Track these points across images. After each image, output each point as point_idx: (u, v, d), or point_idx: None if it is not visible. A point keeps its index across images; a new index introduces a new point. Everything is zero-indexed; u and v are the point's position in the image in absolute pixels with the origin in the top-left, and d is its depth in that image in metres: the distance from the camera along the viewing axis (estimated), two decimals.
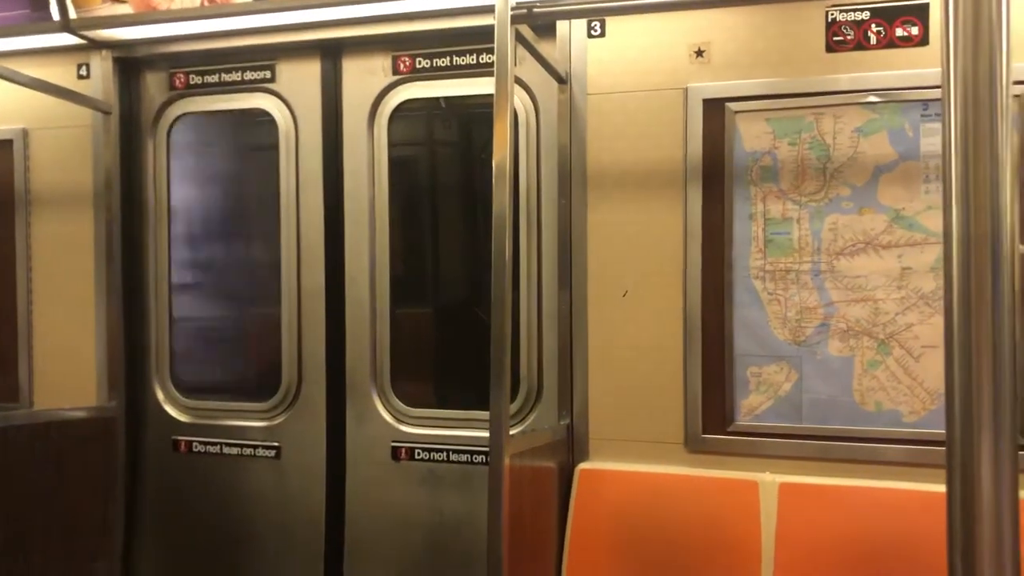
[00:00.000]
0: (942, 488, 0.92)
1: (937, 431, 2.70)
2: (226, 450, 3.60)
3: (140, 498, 3.74)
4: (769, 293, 2.88)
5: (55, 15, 3.35)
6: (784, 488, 2.79)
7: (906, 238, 2.74)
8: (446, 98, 3.42)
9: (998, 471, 0.85)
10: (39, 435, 3.32)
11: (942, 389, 2.71)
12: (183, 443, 3.67)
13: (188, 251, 3.78)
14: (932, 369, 2.73)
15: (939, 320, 2.72)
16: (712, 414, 2.93)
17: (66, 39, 3.49)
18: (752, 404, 2.91)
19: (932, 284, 2.72)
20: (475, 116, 3.46)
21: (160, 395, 3.72)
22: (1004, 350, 0.87)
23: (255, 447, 3.57)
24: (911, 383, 2.75)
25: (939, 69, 0.94)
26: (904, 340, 2.76)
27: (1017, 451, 0.87)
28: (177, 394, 3.73)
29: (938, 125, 2.71)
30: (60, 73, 3.61)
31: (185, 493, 3.68)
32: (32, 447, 3.28)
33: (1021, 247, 2.59)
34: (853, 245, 2.80)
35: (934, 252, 2.72)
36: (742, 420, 2.91)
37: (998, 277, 0.87)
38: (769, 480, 2.81)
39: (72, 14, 3.36)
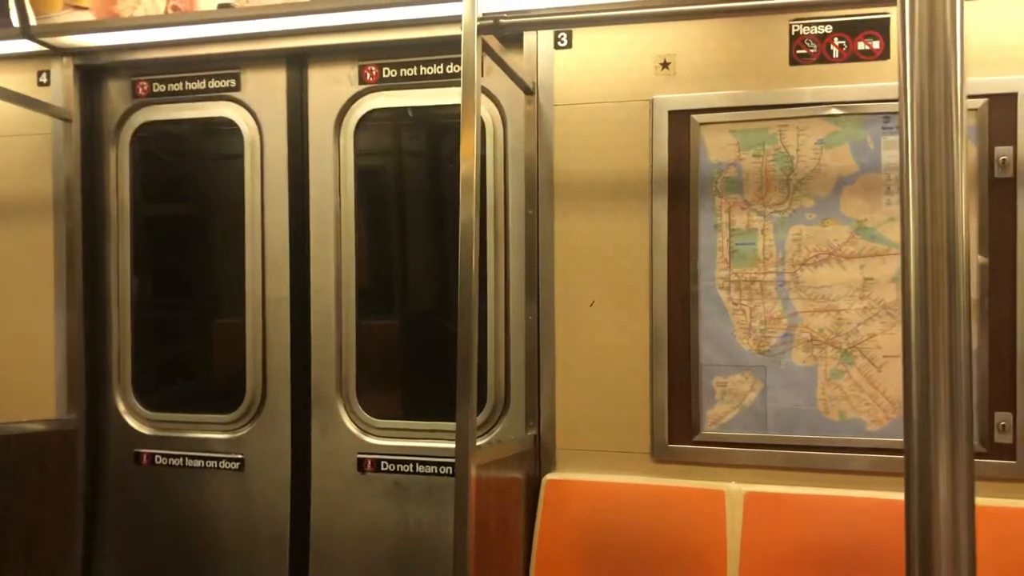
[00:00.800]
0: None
1: (899, 440, 2.72)
2: (189, 463, 3.55)
3: (101, 512, 3.68)
4: (734, 303, 2.90)
5: (15, 21, 3.30)
6: (749, 497, 2.81)
7: (868, 249, 2.78)
8: (413, 108, 3.41)
9: (955, 478, 0.86)
10: None
11: None
12: (145, 456, 3.61)
13: (150, 260, 3.73)
14: (894, 378, 2.76)
15: (900, 330, 2.74)
16: (678, 424, 2.94)
17: (26, 45, 3.44)
18: (718, 414, 2.92)
19: (894, 295, 2.76)
20: (442, 126, 3.45)
21: (121, 407, 3.67)
22: (960, 359, 0.88)
23: (219, 459, 3.52)
24: (873, 392, 2.78)
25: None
26: (867, 350, 2.79)
27: (973, 458, 0.88)
28: (139, 406, 3.67)
29: (898, 138, 2.75)
30: (20, 80, 3.55)
31: (147, 506, 3.62)
32: None
33: (980, 258, 2.63)
34: (816, 256, 2.83)
35: (896, 263, 2.76)
36: (708, 430, 2.93)
37: (954, 287, 0.88)
38: (735, 489, 2.83)
39: (32, 20, 3.32)
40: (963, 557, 0.85)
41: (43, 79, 3.58)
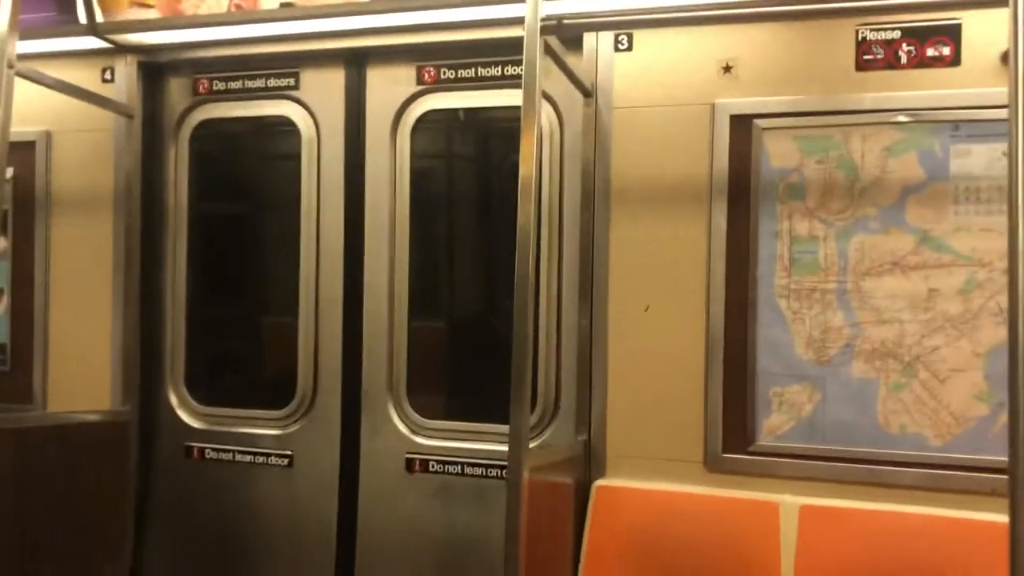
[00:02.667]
0: (967, 514, 0.88)
1: (962, 456, 2.66)
2: (239, 457, 3.58)
3: (151, 503, 3.72)
4: (794, 312, 2.84)
5: (82, 18, 3.37)
6: (805, 510, 2.75)
7: (934, 259, 2.71)
8: (471, 109, 3.41)
9: None
10: (52, 438, 3.30)
11: (968, 413, 2.67)
12: (196, 449, 3.65)
13: (206, 257, 3.77)
14: (958, 393, 2.68)
15: (966, 343, 2.68)
16: (733, 433, 2.89)
17: (92, 42, 3.50)
18: (774, 424, 2.87)
19: (959, 307, 2.68)
20: (499, 128, 3.44)
21: (174, 400, 3.71)
22: None
23: (268, 455, 3.55)
24: (936, 406, 2.71)
25: (970, 90, 0.92)
26: (930, 363, 2.72)
27: None
28: (191, 400, 3.71)
29: (968, 146, 2.68)
30: (84, 76, 3.61)
31: (196, 500, 3.66)
32: (44, 450, 3.27)
33: None
34: (880, 266, 2.76)
35: (962, 274, 2.68)
36: (763, 440, 2.88)
37: None
38: (790, 502, 2.77)
39: (99, 17, 3.37)
40: None
41: (107, 76, 3.64)
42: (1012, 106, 0.88)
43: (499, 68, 3.29)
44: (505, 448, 2.45)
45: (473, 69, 3.32)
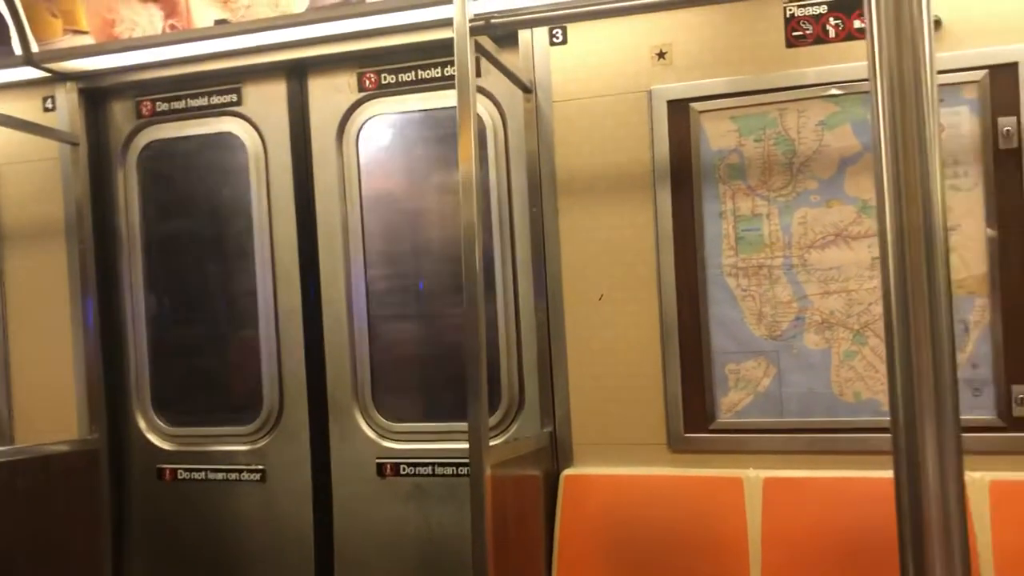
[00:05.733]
0: None
1: None
2: (211, 476, 3.59)
3: (127, 528, 3.72)
4: (743, 290, 2.89)
5: (17, 49, 3.35)
6: (768, 483, 2.80)
7: (875, 228, 2.75)
8: (414, 111, 3.42)
9: (943, 457, 0.86)
10: (22, 471, 3.29)
11: None
12: (168, 471, 3.65)
13: (163, 278, 3.77)
14: None
15: None
16: (693, 413, 2.93)
17: (30, 72, 3.48)
18: (732, 401, 2.91)
19: None
20: (444, 129, 3.46)
21: (142, 424, 3.71)
22: (943, 338, 0.88)
23: (240, 471, 3.55)
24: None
25: None
26: (879, 329, 2.76)
27: (960, 436, 0.88)
28: (159, 423, 3.71)
29: None
30: (25, 107, 3.60)
31: (172, 521, 3.66)
32: (15, 483, 3.26)
33: (989, 230, 2.60)
34: (823, 238, 2.81)
35: None
36: (723, 417, 2.92)
37: (933, 267, 0.87)
38: (753, 476, 2.81)
39: (34, 47, 3.36)
40: (955, 533, 0.85)
41: (48, 104, 3.63)
42: (872, 80, 0.92)
43: (439, 70, 3.31)
44: None
45: (413, 72, 3.33)
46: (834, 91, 2.78)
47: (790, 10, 2.83)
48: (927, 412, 0.86)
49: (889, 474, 2.64)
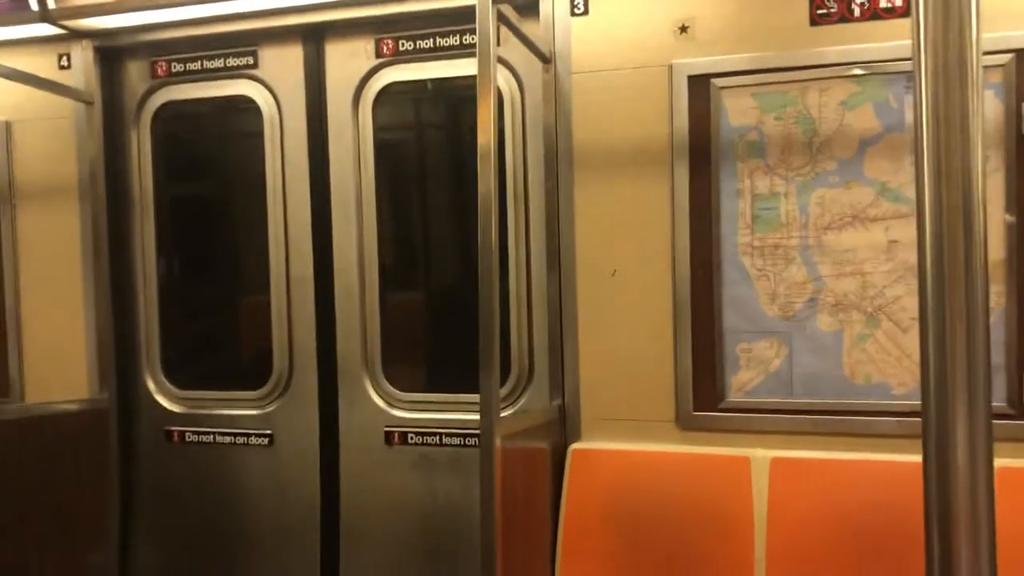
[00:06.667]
0: None
1: None
2: (219, 439, 3.60)
3: (135, 489, 3.74)
4: (758, 269, 2.87)
5: (34, 5, 3.32)
6: (775, 463, 2.80)
7: (892, 211, 2.74)
8: (431, 80, 3.40)
9: (973, 440, 0.85)
10: (31, 429, 3.31)
11: None
12: (176, 433, 3.67)
13: (175, 240, 3.76)
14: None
15: None
16: (703, 391, 2.93)
17: (46, 29, 3.46)
18: (743, 380, 2.91)
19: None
20: (461, 98, 3.44)
21: (151, 386, 3.72)
22: (978, 320, 0.87)
23: (248, 435, 3.57)
24: (900, 355, 2.75)
25: None
26: (892, 312, 2.76)
27: (991, 420, 0.87)
28: (169, 385, 3.72)
29: None
30: (41, 64, 3.58)
31: (179, 483, 3.68)
32: (24, 441, 3.28)
33: (1007, 216, 2.58)
34: (840, 219, 2.79)
35: None
36: (733, 397, 2.92)
37: (971, 247, 0.86)
38: (760, 455, 2.82)
39: (51, 3, 3.33)
40: (982, 519, 0.85)
41: (64, 62, 3.60)
42: (915, 56, 0.90)
43: (457, 37, 3.28)
44: None
45: (431, 39, 3.30)
46: (857, 71, 2.75)
47: None
48: (959, 394, 0.85)
49: (896, 457, 2.65)
